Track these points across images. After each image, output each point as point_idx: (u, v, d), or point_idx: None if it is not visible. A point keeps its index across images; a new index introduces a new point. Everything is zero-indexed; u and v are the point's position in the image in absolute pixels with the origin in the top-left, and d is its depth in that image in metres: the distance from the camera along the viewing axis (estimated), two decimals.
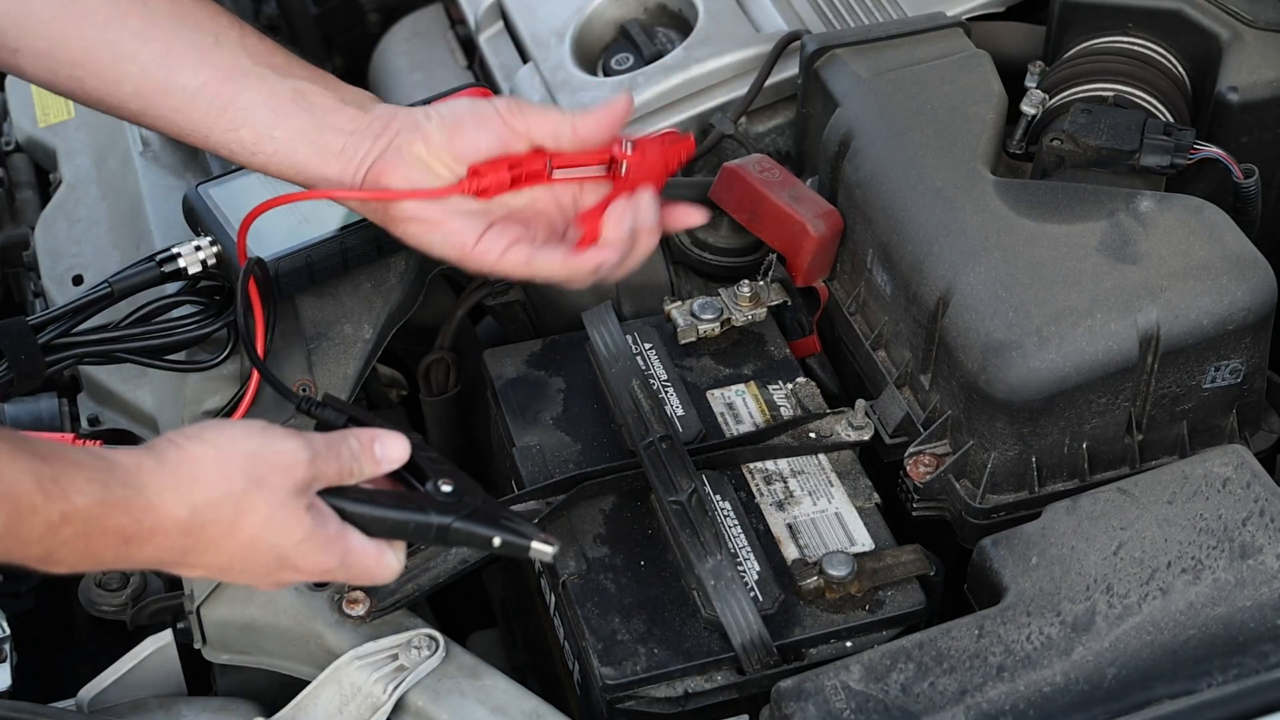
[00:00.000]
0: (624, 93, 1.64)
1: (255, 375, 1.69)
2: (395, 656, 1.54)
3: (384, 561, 1.45)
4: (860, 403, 1.71)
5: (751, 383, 1.77)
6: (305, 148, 1.60)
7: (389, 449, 1.46)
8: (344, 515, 1.43)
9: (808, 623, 1.55)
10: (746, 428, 1.72)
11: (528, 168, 1.59)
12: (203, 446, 1.37)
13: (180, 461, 1.35)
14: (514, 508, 1.60)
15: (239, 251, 1.69)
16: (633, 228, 1.59)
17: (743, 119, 2.02)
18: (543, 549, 1.47)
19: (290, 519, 1.38)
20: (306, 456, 1.40)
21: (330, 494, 1.43)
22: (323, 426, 1.55)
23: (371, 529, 1.45)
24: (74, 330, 1.70)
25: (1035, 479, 1.62)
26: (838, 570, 1.55)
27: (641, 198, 1.60)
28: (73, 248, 2.01)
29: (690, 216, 1.64)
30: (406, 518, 1.46)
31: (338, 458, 1.43)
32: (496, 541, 1.47)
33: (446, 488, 1.47)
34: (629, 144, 1.61)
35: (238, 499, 1.36)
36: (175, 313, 1.74)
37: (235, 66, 1.59)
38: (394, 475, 1.48)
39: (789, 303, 1.83)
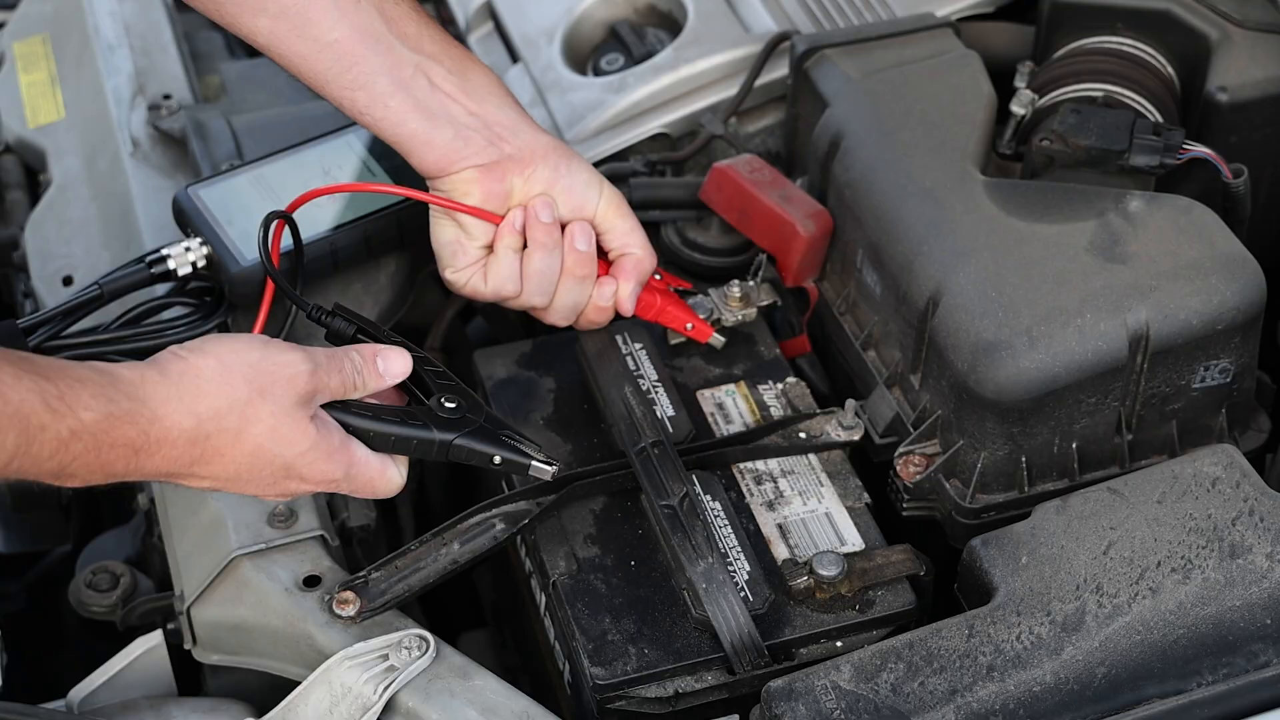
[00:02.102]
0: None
1: (267, 297, 1.70)
2: (385, 657, 1.54)
3: (387, 475, 1.50)
4: (850, 403, 1.71)
5: (741, 383, 1.77)
6: (414, 124, 1.63)
7: (391, 363, 1.50)
8: (348, 429, 1.47)
9: (798, 623, 1.55)
10: (736, 428, 1.72)
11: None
12: (204, 358, 1.40)
13: (183, 373, 1.38)
14: (505, 508, 1.60)
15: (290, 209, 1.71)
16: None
17: (732, 119, 2.02)
18: (542, 468, 1.53)
19: (294, 429, 1.41)
20: (308, 368, 1.43)
21: (334, 408, 1.47)
22: (333, 336, 1.58)
23: (375, 444, 1.48)
24: (65, 333, 1.70)
25: (1025, 479, 1.62)
26: (828, 570, 1.55)
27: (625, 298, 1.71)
28: (62, 249, 2.01)
29: None
30: (409, 433, 1.49)
31: (340, 370, 1.46)
32: (497, 459, 1.52)
33: (450, 404, 1.52)
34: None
35: (242, 408, 1.39)
36: (166, 314, 1.74)
37: (369, 30, 1.61)
38: (401, 388, 1.52)
39: (779, 303, 1.83)
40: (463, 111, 1.63)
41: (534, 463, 1.53)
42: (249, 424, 1.39)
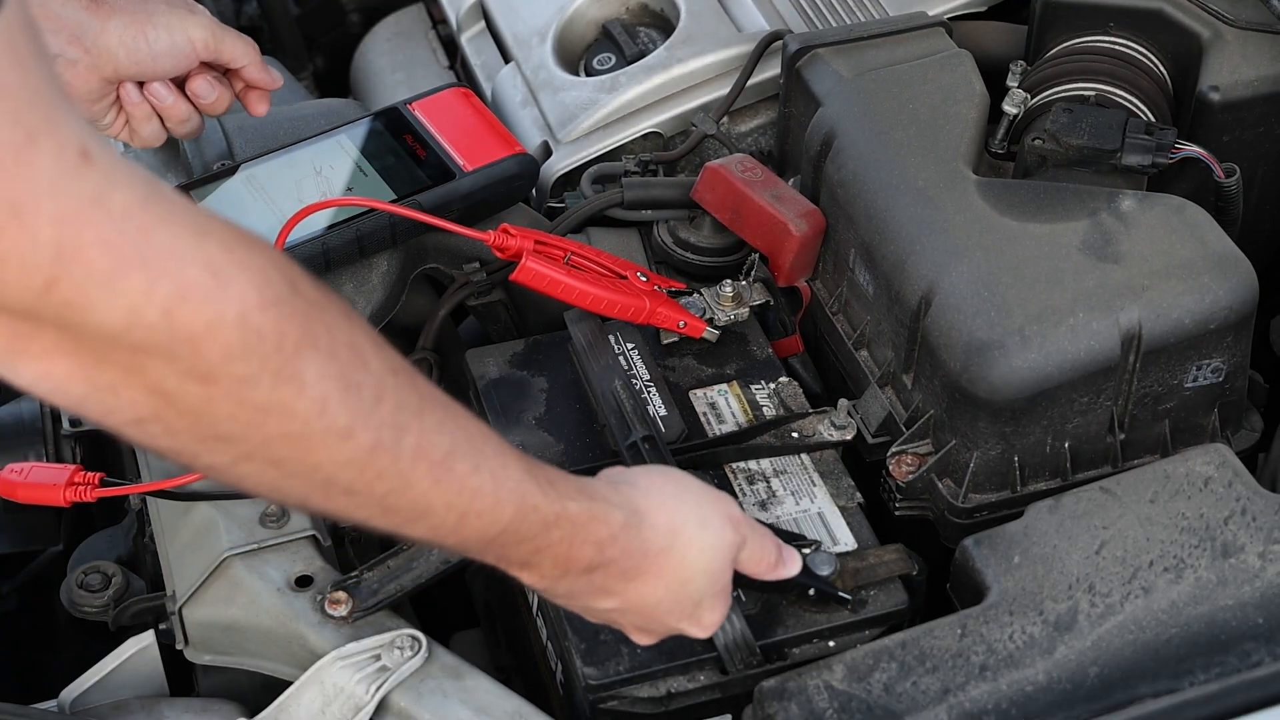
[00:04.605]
0: None
1: None
2: (378, 657, 1.53)
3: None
4: (843, 402, 1.71)
5: (734, 382, 1.77)
6: None
7: (788, 566, 1.49)
8: None
9: (790, 622, 1.55)
10: (729, 427, 1.72)
11: (550, 247, 1.76)
12: (664, 479, 1.42)
13: (649, 488, 1.39)
14: None
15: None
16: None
17: (725, 119, 2.02)
18: (844, 597, 1.54)
19: (725, 564, 1.41)
20: (739, 513, 1.43)
21: None
22: None
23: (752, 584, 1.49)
24: None
25: (1017, 478, 1.62)
26: (821, 569, 1.55)
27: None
28: None
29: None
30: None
31: (759, 544, 1.45)
32: (811, 591, 1.53)
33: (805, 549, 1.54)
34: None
35: (694, 530, 1.39)
36: None
37: None
38: None
39: (771, 302, 1.83)
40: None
41: (840, 593, 1.55)
42: (692, 547, 1.39)
